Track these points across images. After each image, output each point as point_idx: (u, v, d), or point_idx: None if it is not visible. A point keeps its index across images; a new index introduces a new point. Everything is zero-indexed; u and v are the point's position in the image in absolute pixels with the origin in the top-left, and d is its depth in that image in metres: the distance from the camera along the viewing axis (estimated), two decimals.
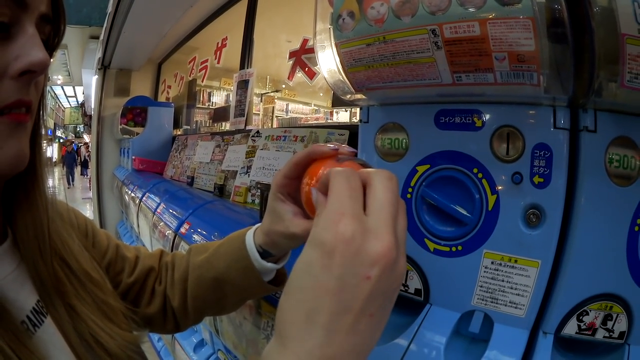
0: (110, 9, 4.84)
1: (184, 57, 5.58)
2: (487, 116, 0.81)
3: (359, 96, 0.94)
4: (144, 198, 3.15)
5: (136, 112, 4.81)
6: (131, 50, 5.68)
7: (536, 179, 0.77)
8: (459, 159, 0.85)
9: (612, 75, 0.66)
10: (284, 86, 8.52)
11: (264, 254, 0.85)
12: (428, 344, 0.83)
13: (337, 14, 0.81)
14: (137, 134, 4.71)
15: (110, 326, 0.72)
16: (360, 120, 1.02)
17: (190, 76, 4.95)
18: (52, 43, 0.63)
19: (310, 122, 2.81)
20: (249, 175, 2.44)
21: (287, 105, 9.36)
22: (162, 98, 6.29)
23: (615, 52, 0.63)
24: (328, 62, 0.90)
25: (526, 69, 0.67)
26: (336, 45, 0.85)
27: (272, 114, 8.64)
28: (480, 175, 0.82)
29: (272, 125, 8.12)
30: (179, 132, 5.13)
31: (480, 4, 0.64)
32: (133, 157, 4.49)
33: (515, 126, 0.79)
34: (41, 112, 0.64)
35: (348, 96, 0.95)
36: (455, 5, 0.66)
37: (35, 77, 0.56)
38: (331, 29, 0.85)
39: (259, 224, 0.86)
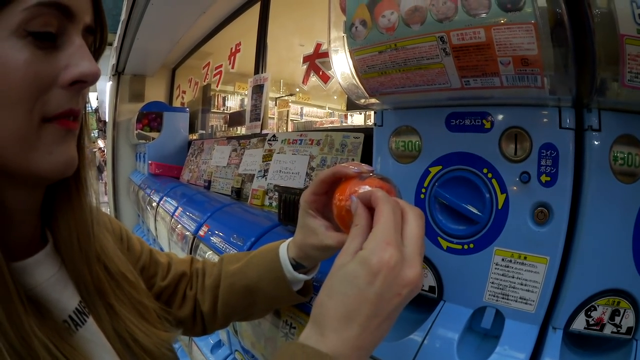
0: (123, 16, 4.86)
1: (198, 63, 5.60)
2: (496, 118, 0.84)
3: (373, 100, 0.97)
4: (161, 202, 3.19)
5: (152, 117, 4.84)
6: (145, 57, 5.72)
7: (543, 178, 0.79)
8: (469, 160, 0.87)
9: (613, 75, 0.68)
10: (297, 90, 8.56)
11: (296, 266, 0.93)
12: (441, 340, 0.86)
13: (350, 22, 0.84)
14: (153, 138, 4.74)
15: (146, 325, 0.77)
16: (375, 124, 1.05)
17: (204, 81, 4.99)
18: (94, 53, 0.67)
19: (325, 126, 2.83)
20: (266, 178, 2.47)
21: (301, 108, 9.40)
22: (177, 103, 6.33)
23: (615, 52, 0.65)
24: (342, 68, 0.93)
25: (530, 72, 0.69)
26: (350, 52, 0.88)
27: (287, 117, 8.67)
28: (490, 175, 0.85)
29: (287, 128, 8.15)
30: (194, 137, 5.16)
31: (485, 11, 0.66)
32: (149, 162, 4.52)
33: (522, 127, 0.81)
34: (85, 118, 0.67)
35: (362, 100, 0.98)
36: (462, 12, 0.68)
37: (85, 87, 0.61)
38: (345, 36, 0.88)
39: (291, 239, 0.94)
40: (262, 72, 3.54)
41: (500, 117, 0.84)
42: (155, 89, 6.90)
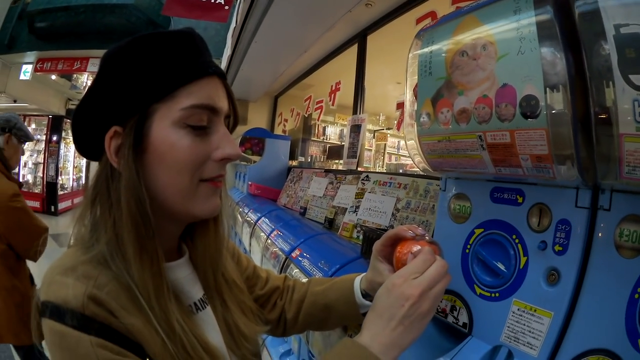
0: (229, 51, 5.20)
1: (299, 93, 5.95)
2: (527, 195, 1.02)
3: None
4: (258, 222, 3.47)
5: (254, 142, 5.11)
6: (249, 85, 6.10)
7: (557, 247, 0.95)
8: (503, 227, 1.07)
9: (612, 167, 0.79)
10: (396, 122, 8.59)
11: (365, 295, 1.20)
12: None
13: (419, 112, 1.07)
14: (254, 161, 5.04)
15: (245, 318, 1.07)
16: (440, 189, 1.27)
17: (306, 113, 5.24)
18: (230, 129, 0.97)
19: (413, 170, 2.99)
20: (356, 214, 2.68)
21: (398, 142, 9.44)
22: (278, 130, 6.67)
23: (615, 148, 0.75)
24: (414, 151, 1.17)
25: (543, 166, 0.87)
26: (418, 136, 1.11)
27: (384, 150, 8.79)
28: (517, 240, 1.03)
29: (384, 162, 8.28)
30: (294, 164, 5.41)
31: (510, 118, 0.86)
32: (249, 183, 4.82)
33: (546, 204, 0.98)
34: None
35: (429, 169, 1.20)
36: (495, 117, 0.89)
37: (229, 162, 0.91)
38: (415, 124, 1.11)
39: (364, 274, 1.22)
40: (360, 113, 3.76)
41: (530, 194, 1.02)
42: (258, 113, 7.28)
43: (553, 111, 0.81)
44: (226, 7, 4.25)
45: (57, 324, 0.73)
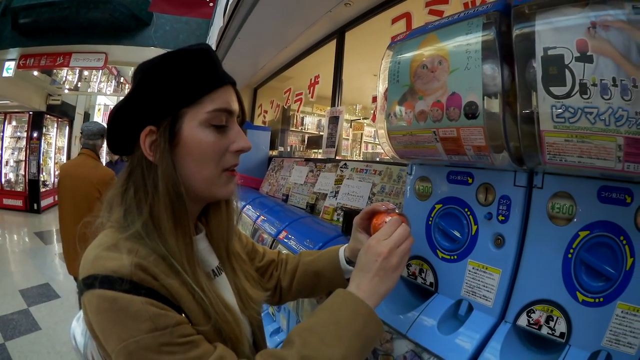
0: (214, 47, 5.28)
1: (279, 85, 6.03)
2: (475, 176, 1.23)
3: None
4: (244, 209, 3.60)
5: None
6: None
7: (500, 217, 1.16)
8: (458, 202, 1.28)
9: (537, 155, 0.96)
10: (372, 111, 8.65)
11: (348, 262, 1.40)
12: (429, 317, 1.22)
13: (388, 112, 1.28)
14: None
15: (249, 284, 1.26)
16: (407, 173, 1.48)
17: (286, 105, 5.34)
18: (240, 125, 1.15)
19: (387, 158, 3.20)
20: (336, 198, 2.88)
21: (375, 131, 9.48)
22: (258, 121, 6.74)
23: (538, 140, 0.93)
24: (384, 141, 1.37)
25: (483, 154, 1.08)
26: (387, 131, 1.31)
27: (361, 139, 8.89)
28: (468, 212, 1.25)
29: (360, 150, 8.39)
30: (274, 153, 5.48)
31: (457, 118, 1.07)
32: None
33: (490, 183, 1.20)
34: None
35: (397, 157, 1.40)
36: (445, 117, 1.09)
37: (243, 152, 1.10)
38: (385, 121, 1.31)
39: (347, 244, 1.42)
40: (338, 105, 3.92)
41: (478, 176, 1.23)
42: None
43: (489, 113, 1.01)
44: (210, 4, 4.34)
45: (108, 291, 0.85)
